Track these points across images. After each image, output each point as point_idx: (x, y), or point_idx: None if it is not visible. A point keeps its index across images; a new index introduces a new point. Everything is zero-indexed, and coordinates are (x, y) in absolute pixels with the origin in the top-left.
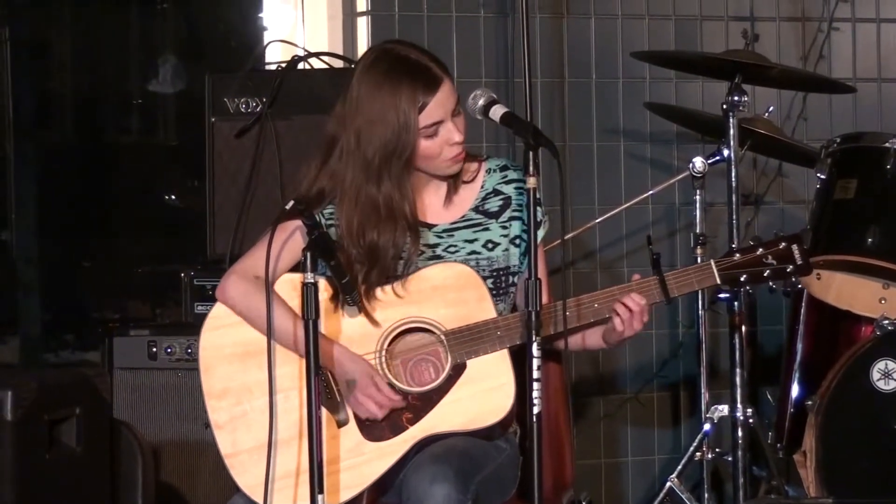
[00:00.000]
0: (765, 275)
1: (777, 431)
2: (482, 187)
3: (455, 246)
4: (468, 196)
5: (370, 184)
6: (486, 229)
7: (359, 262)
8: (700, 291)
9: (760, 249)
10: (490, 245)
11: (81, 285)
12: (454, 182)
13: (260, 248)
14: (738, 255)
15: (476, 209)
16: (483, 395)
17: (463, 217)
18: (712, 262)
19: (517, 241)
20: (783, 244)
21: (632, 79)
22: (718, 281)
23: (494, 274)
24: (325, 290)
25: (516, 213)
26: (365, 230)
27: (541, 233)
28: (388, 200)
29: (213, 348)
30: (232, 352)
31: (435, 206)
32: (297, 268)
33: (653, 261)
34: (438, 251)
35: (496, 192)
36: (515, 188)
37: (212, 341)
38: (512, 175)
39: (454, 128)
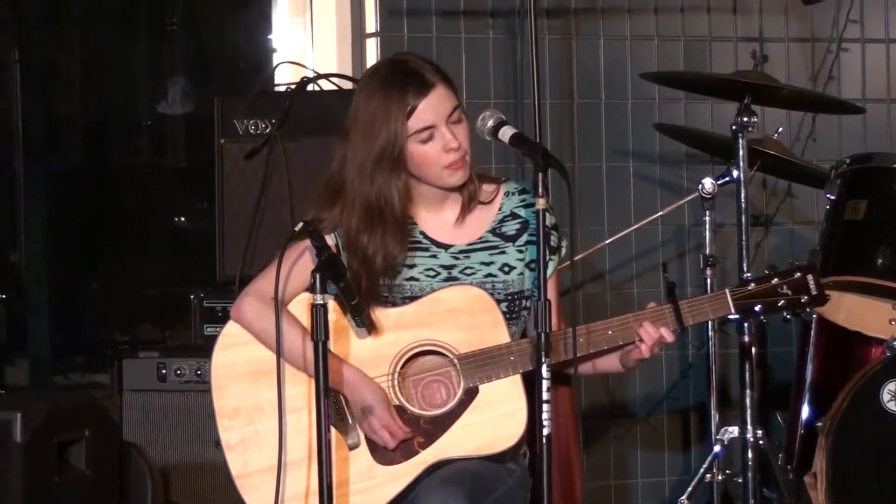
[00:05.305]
0: (779, 305)
1: (787, 453)
2: (500, 210)
3: (472, 268)
4: (485, 217)
5: (364, 184)
6: (503, 252)
7: (358, 274)
8: None
9: (775, 279)
10: (506, 268)
11: (91, 307)
12: (469, 202)
13: (273, 269)
14: (752, 284)
15: (493, 231)
16: (495, 420)
17: (480, 239)
18: (727, 291)
19: (532, 266)
20: (798, 274)
21: (641, 100)
22: (733, 310)
23: (509, 298)
24: (334, 310)
25: (533, 238)
26: (359, 235)
27: (556, 259)
28: (379, 198)
29: (225, 367)
30: (245, 370)
31: (450, 226)
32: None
33: (668, 289)
34: (454, 273)
35: (513, 216)
36: (533, 212)
37: (224, 360)
38: (530, 199)
39: (450, 133)
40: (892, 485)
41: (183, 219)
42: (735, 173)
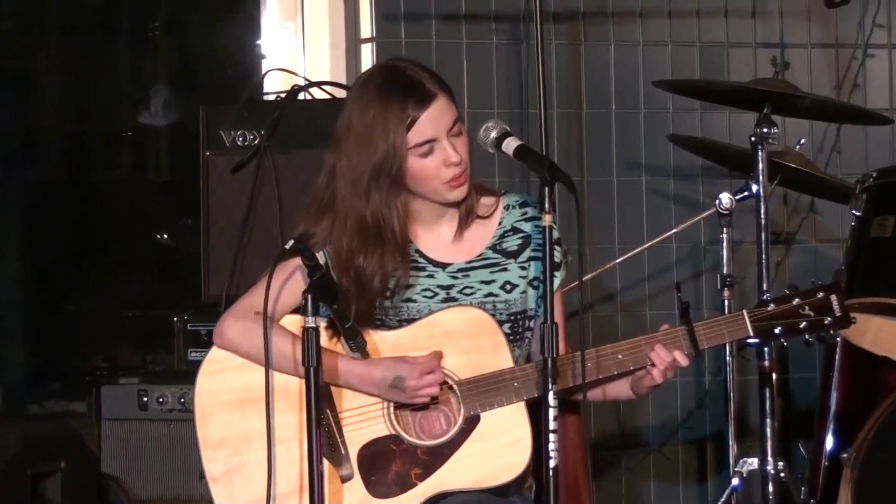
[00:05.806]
0: (801, 327)
1: (810, 487)
2: (500, 224)
3: (471, 287)
4: (484, 233)
5: (358, 200)
6: (504, 270)
7: (349, 294)
8: None
9: (797, 299)
10: (508, 287)
11: (67, 330)
12: (467, 216)
13: (258, 289)
14: (772, 305)
15: (493, 248)
16: (498, 451)
17: (479, 256)
18: (745, 312)
19: (535, 283)
20: (821, 294)
21: (654, 109)
22: (751, 333)
23: (512, 318)
24: (324, 334)
25: (536, 254)
26: (353, 254)
27: (560, 275)
28: (376, 217)
29: (209, 394)
30: (230, 398)
31: (448, 243)
32: (299, 310)
33: (681, 310)
34: (453, 293)
35: (515, 230)
36: (535, 226)
37: (209, 387)
38: (532, 212)
39: (451, 147)
40: None
41: (166, 235)
42: (754, 188)
